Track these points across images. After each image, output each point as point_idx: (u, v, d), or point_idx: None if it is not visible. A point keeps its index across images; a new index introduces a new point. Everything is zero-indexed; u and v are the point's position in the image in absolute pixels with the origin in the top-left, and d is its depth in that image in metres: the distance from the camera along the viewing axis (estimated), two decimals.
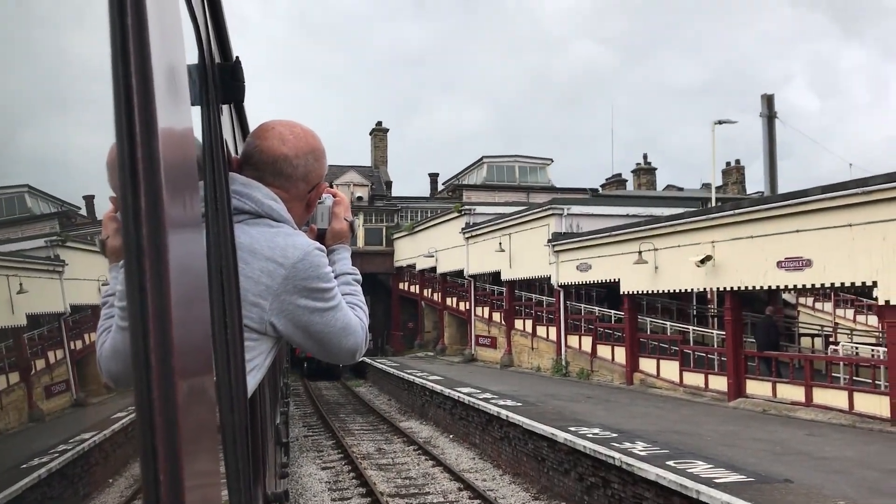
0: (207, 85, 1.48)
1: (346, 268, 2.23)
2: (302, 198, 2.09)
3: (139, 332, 0.63)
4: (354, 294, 2.16)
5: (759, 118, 32.60)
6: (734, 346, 17.97)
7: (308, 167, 2.06)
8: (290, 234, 1.95)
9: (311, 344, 1.96)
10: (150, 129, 0.67)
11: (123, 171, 0.63)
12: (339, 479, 15.25)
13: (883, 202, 13.72)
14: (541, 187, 49.00)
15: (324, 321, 1.94)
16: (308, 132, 2.11)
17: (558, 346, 26.52)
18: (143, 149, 0.65)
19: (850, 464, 10.47)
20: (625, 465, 10.64)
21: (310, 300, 1.89)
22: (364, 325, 2.08)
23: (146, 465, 0.62)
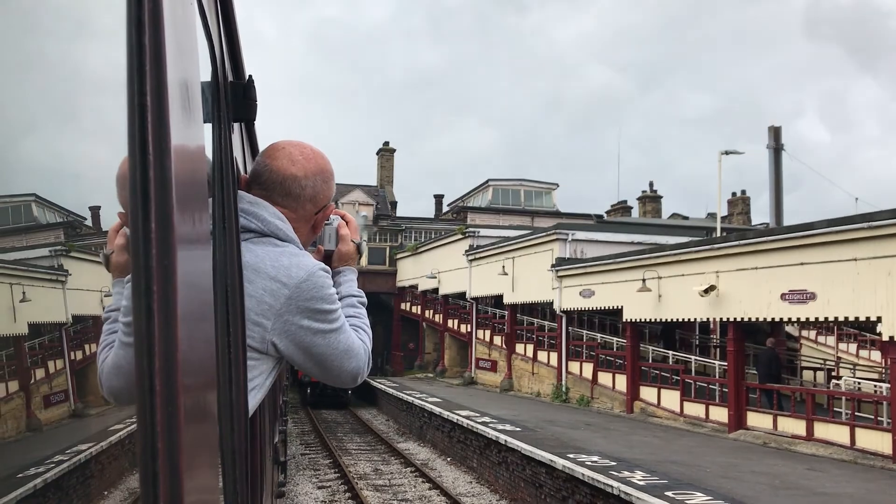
0: (220, 103, 1.49)
1: (352, 290, 2.22)
2: (309, 219, 2.09)
3: (145, 349, 0.63)
4: (359, 317, 2.14)
5: (767, 149, 32.70)
6: (736, 377, 17.88)
7: (316, 188, 2.06)
8: (295, 253, 1.94)
9: (312, 365, 1.94)
10: (164, 144, 0.67)
11: (135, 186, 0.64)
12: (334, 498, 15.15)
13: (889, 237, 13.69)
14: (546, 212, 49.10)
15: (326, 343, 1.92)
16: (318, 153, 2.11)
17: (559, 371, 26.41)
18: (156, 164, 0.65)
19: (850, 500, 10.37)
20: (623, 493, 10.56)
21: (312, 321, 1.88)
22: (367, 348, 2.06)
23: (146, 481, 0.62)
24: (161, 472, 0.61)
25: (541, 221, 43.28)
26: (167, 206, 0.67)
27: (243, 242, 1.87)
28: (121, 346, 1.58)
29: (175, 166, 0.69)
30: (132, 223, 0.65)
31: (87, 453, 1.83)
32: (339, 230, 2.30)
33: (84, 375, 2.06)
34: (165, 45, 0.68)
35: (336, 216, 2.33)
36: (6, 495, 1.28)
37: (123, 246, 1.60)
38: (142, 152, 0.64)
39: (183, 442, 0.67)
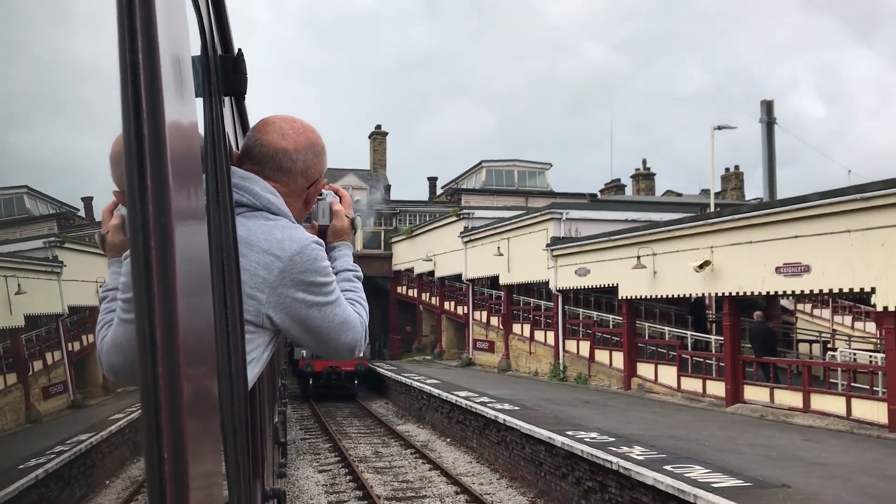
0: (210, 77, 1.49)
1: (347, 264, 2.23)
2: (301, 193, 2.09)
3: (145, 322, 0.63)
4: (355, 290, 2.15)
5: (760, 124, 32.68)
6: (732, 352, 17.98)
7: (307, 162, 2.06)
8: (288, 227, 1.94)
9: (308, 338, 1.94)
10: (158, 120, 0.67)
11: (131, 162, 0.63)
12: (335, 481, 15.23)
13: (881, 208, 13.74)
14: (539, 192, 49.07)
15: (322, 315, 1.92)
16: (308, 128, 2.11)
17: (556, 350, 26.52)
18: (151, 139, 0.65)
19: (847, 469, 10.47)
20: (622, 469, 10.64)
21: (307, 294, 1.88)
22: (364, 321, 2.06)
23: (150, 452, 0.62)
24: (165, 445, 0.62)
25: (535, 202, 43.27)
26: (163, 182, 0.67)
27: (236, 217, 1.87)
28: (120, 322, 1.57)
29: (170, 141, 0.69)
30: (129, 198, 0.65)
31: (87, 443, 1.84)
32: (332, 206, 2.30)
33: (82, 366, 2.06)
34: (156, 19, 0.68)
35: (329, 192, 2.33)
36: (8, 486, 1.29)
37: (118, 226, 1.59)
38: (136, 128, 0.64)
39: (185, 412, 0.67)
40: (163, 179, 0.67)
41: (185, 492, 0.68)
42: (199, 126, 1.20)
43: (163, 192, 0.67)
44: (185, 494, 0.68)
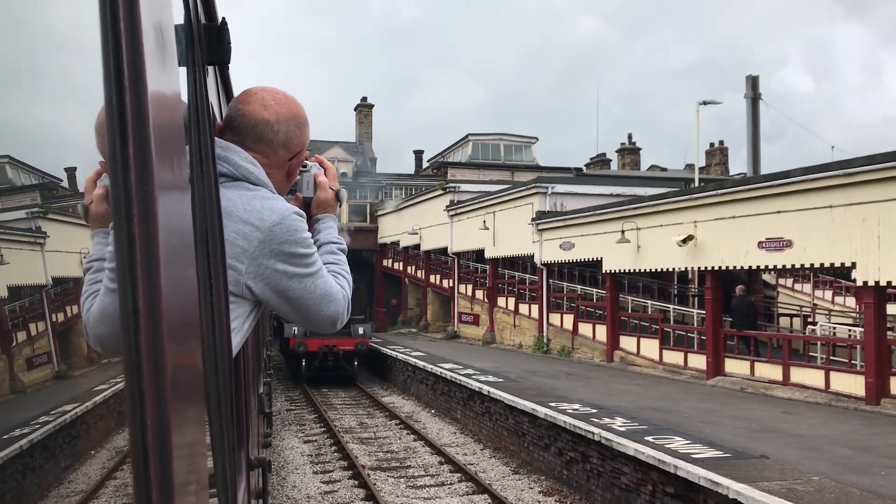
0: (193, 45, 1.47)
1: (331, 237, 2.21)
2: (282, 165, 2.07)
3: (128, 292, 0.64)
4: (339, 263, 2.14)
5: (745, 99, 32.71)
6: (714, 325, 18.17)
7: (289, 133, 2.04)
8: (268, 197, 1.92)
9: (290, 310, 1.94)
10: (140, 89, 0.67)
11: (113, 131, 0.64)
12: (321, 452, 15.34)
13: (863, 184, 13.85)
14: (526, 166, 49.03)
15: (302, 287, 1.92)
16: (291, 99, 2.09)
17: (540, 323, 26.68)
18: (133, 109, 0.65)
19: (824, 441, 10.65)
20: (604, 440, 10.78)
21: (287, 265, 1.87)
22: (346, 294, 2.06)
23: (134, 421, 0.64)
24: (148, 413, 0.63)
25: (521, 176, 43.21)
26: (146, 151, 0.67)
27: None
28: (107, 292, 1.57)
29: (152, 110, 0.69)
30: (111, 168, 0.65)
31: (72, 414, 1.85)
32: (316, 177, 2.28)
33: (66, 338, 2.06)
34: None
35: (314, 163, 2.32)
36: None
37: (102, 196, 1.59)
38: (118, 97, 0.64)
39: (168, 385, 0.68)
40: (145, 149, 0.67)
41: (168, 461, 0.69)
42: (182, 96, 1.20)
43: (145, 161, 0.67)
44: (169, 463, 0.69)
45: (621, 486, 10.49)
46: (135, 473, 0.66)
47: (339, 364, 25.34)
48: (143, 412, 0.62)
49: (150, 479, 0.65)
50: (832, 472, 8.69)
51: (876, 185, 13.61)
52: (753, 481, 8.12)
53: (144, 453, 0.63)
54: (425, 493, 12.05)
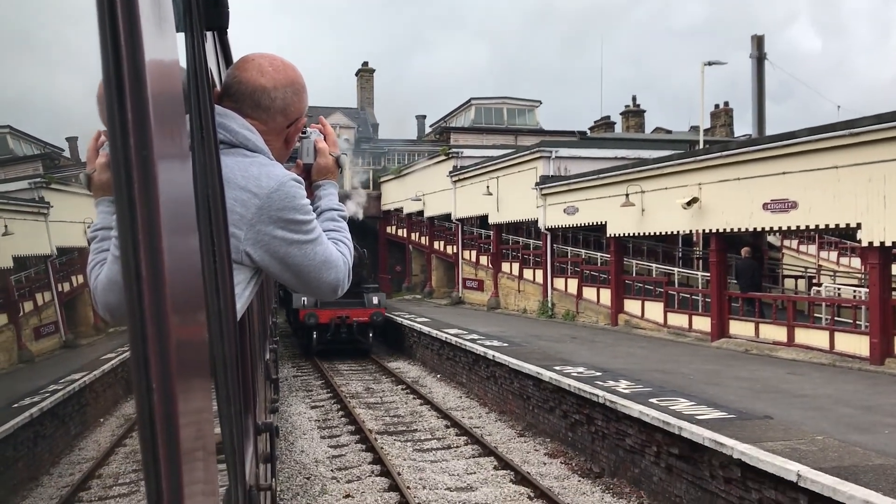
0: (191, 10, 1.46)
1: (332, 203, 2.21)
2: (280, 132, 2.06)
3: (131, 259, 0.64)
4: (339, 230, 2.14)
5: (750, 59, 32.30)
6: (718, 288, 18.18)
7: (287, 100, 2.03)
8: (265, 163, 1.92)
9: (290, 277, 1.94)
10: (137, 55, 0.66)
11: (111, 98, 0.63)
12: (328, 417, 15.50)
13: (869, 144, 13.75)
14: (529, 130, 48.74)
15: (302, 254, 1.92)
16: (289, 66, 2.08)
17: (545, 288, 26.74)
18: (131, 75, 0.65)
19: (828, 401, 10.72)
20: (608, 402, 10.86)
21: (286, 231, 1.87)
22: (347, 261, 2.06)
23: (140, 388, 0.64)
24: (154, 380, 0.64)
25: (524, 140, 42.99)
26: (144, 118, 0.67)
27: None
28: (114, 260, 1.57)
29: (150, 77, 0.68)
30: (110, 135, 0.65)
31: (80, 382, 1.87)
32: (316, 143, 2.27)
33: (73, 307, 2.08)
34: None
35: (315, 129, 2.30)
36: (3, 424, 1.32)
37: (105, 164, 1.58)
38: (115, 65, 0.64)
39: (173, 351, 0.69)
40: (143, 114, 0.67)
41: (175, 427, 0.70)
42: (180, 62, 1.19)
43: (144, 127, 0.67)
44: (176, 429, 0.70)
45: (626, 447, 10.59)
46: (141, 439, 0.66)
47: (353, 336, 23.78)
48: (148, 378, 0.63)
49: (156, 445, 0.66)
50: (836, 432, 8.76)
51: (883, 145, 13.50)
52: (757, 441, 8.20)
53: (151, 419, 0.64)
54: (432, 456, 12.19)
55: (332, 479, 11.01)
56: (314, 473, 11.24)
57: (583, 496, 10.09)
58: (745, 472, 7.97)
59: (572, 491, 10.28)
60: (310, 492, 10.37)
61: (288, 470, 11.38)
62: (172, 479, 0.69)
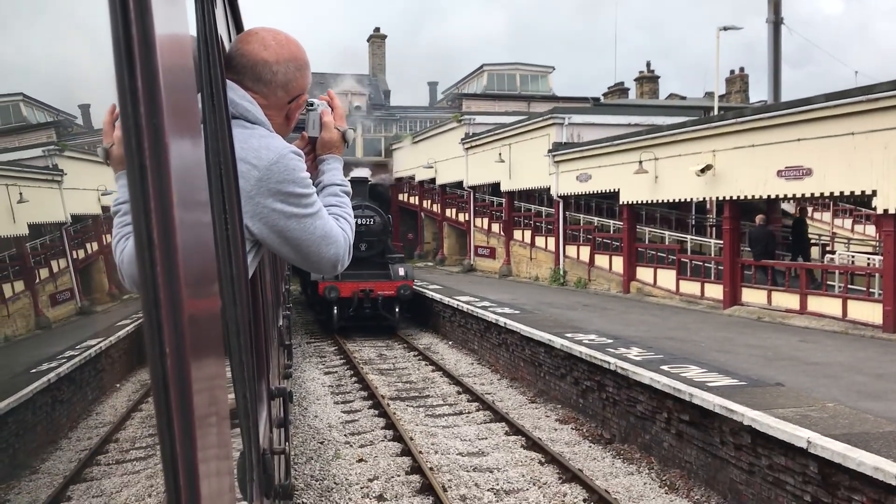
0: None
1: (335, 178, 2.19)
2: (281, 107, 2.05)
3: (143, 227, 0.64)
4: (341, 206, 2.12)
5: (766, 24, 31.84)
6: (731, 255, 18.12)
7: (288, 75, 2.02)
8: (265, 135, 1.91)
9: (289, 250, 1.94)
10: (146, 20, 0.66)
11: (120, 64, 0.63)
12: (341, 382, 15.65)
13: (886, 110, 13.56)
14: (542, 96, 48.38)
15: (301, 227, 1.90)
16: (292, 41, 2.06)
17: (557, 255, 26.72)
18: (140, 41, 0.64)
19: (840, 368, 10.72)
20: (619, 369, 10.90)
21: (285, 205, 1.86)
22: (348, 237, 2.05)
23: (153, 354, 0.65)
24: (168, 345, 0.65)
25: (537, 106, 42.68)
26: (154, 85, 0.67)
27: None
28: None
29: (160, 43, 0.68)
30: (120, 103, 0.65)
31: (96, 348, 1.90)
32: (322, 116, 2.24)
33: (88, 273, 2.10)
34: None
35: (322, 102, 2.28)
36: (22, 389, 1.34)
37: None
38: (125, 31, 0.63)
39: (186, 317, 0.70)
40: (153, 82, 0.67)
41: (189, 392, 0.71)
42: (190, 28, 1.19)
43: (154, 94, 0.67)
44: (190, 394, 0.71)
45: (637, 413, 10.65)
46: (156, 405, 0.68)
47: (377, 312, 21.44)
48: (162, 344, 0.64)
49: (171, 410, 0.67)
50: (847, 399, 8.77)
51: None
52: (768, 408, 8.22)
53: (165, 385, 0.65)
54: (444, 421, 12.31)
55: (346, 443, 11.15)
56: (328, 438, 11.38)
57: (593, 461, 10.18)
58: (756, 439, 8.01)
59: (583, 456, 10.37)
60: (323, 456, 10.51)
61: (301, 435, 11.53)
62: (186, 444, 0.70)
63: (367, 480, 9.46)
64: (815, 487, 7.19)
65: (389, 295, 21.35)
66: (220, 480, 0.84)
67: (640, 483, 9.32)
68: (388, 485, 9.25)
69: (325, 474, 9.72)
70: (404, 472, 9.78)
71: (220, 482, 0.85)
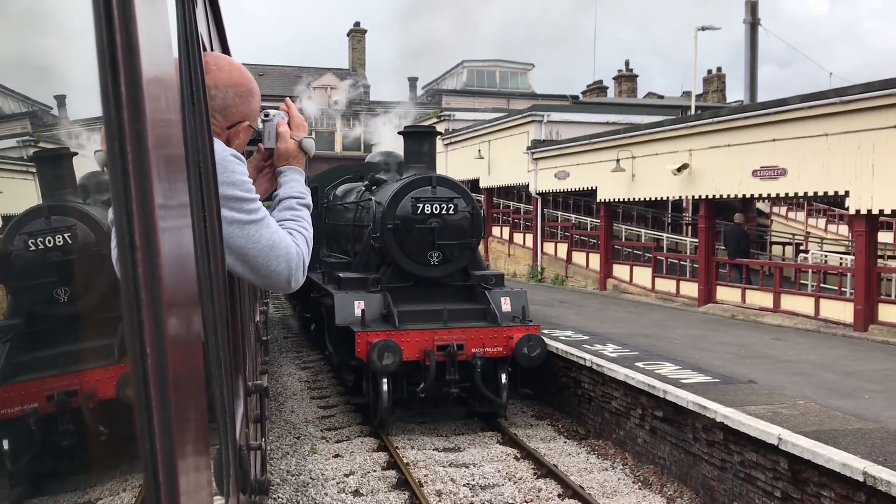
0: None
1: (292, 191, 2.11)
2: (219, 133, 1.98)
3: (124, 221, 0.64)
4: (297, 220, 2.04)
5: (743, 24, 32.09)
6: (706, 253, 18.29)
7: (226, 101, 1.99)
8: None
9: (234, 261, 1.83)
10: (128, 17, 0.66)
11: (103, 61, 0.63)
12: (318, 378, 15.60)
13: (859, 112, 13.75)
14: (521, 93, 48.44)
15: (245, 235, 1.81)
16: (236, 67, 2.02)
17: (534, 252, 26.83)
18: (123, 40, 0.64)
19: (811, 366, 10.87)
20: (595, 365, 10.97)
21: (225, 209, 1.77)
22: (301, 252, 1.95)
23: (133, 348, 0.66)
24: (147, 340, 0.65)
25: (516, 104, 42.71)
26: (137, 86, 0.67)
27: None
28: None
29: (142, 42, 0.68)
30: (103, 103, 0.65)
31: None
32: (277, 127, 2.19)
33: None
34: None
35: (279, 112, 2.22)
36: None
37: None
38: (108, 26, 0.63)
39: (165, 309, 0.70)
40: (136, 83, 0.67)
41: (166, 384, 0.71)
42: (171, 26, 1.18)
43: (137, 96, 0.67)
44: (167, 387, 0.71)
45: (611, 410, 10.74)
46: (136, 399, 0.68)
47: (468, 382, 10.91)
48: (142, 339, 0.64)
49: (150, 406, 0.68)
50: (817, 397, 8.91)
51: (872, 113, 13.51)
52: (740, 405, 8.33)
53: (145, 379, 0.66)
54: (420, 418, 12.32)
55: (322, 438, 11.13)
56: (304, 434, 11.35)
57: (568, 457, 10.25)
58: (728, 436, 8.11)
59: (558, 452, 10.44)
60: (300, 451, 10.48)
61: (278, 430, 11.49)
62: (165, 440, 0.70)
63: (342, 475, 9.46)
64: (785, 483, 7.30)
65: (497, 355, 11.08)
66: (197, 476, 0.85)
67: (615, 478, 9.41)
68: (364, 480, 9.25)
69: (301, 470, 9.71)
70: (380, 467, 9.79)
71: (198, 477, 0.86)
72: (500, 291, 11.78)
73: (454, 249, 11.54)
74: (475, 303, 11.77)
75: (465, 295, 12.00)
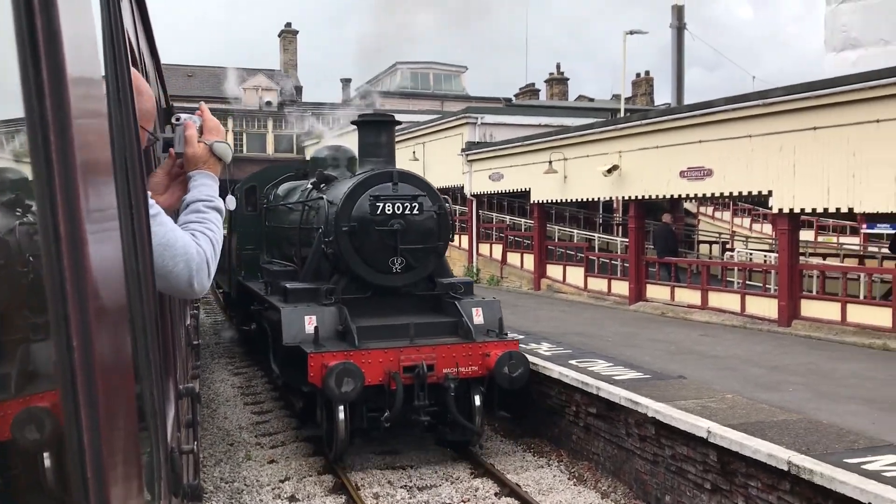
0: None
1: (199, 194, 2.05)
2: None
3: (48, 215, 0.63)
4: (202, 222, 1.97)
5: (670, 28, 32.91)
6: (636, 253, 18.69)
7: None
8: None
9: None
10: (52, 15, 0.65)
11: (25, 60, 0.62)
12: (251, 383, 15.35)
13: (781, 114, 14.26)
14: (455, 96, 48.68)
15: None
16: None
17: (470, 253, 26.98)
18: (45, 38, 0.63)
19: (738, 361, 11.22)
20: (530, 364, 11.07)
21: None
22: (205, 254, 1.88)
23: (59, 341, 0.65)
24: (74, 334, 0.64)
25: (450, 106, 42.93)
26: (61, 81, 0.66)
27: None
28: None
29: (66, 39, 0.67)
30: (24, 98, 0.63)
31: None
32: (186, 131, 2.14)
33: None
34: None
35: (191, 116, 2.18)
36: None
37: None
38: (29, 23, 0.62)
39: (92, 307, 0.69)
40: (61, 77, 0.66)
41: (93, 381, 0.70)
42: (96, 22, 1.16)
43: (61, 90, 0.66)
44: (94, 384, 0.70)
45: (546, 407, 10.87)
46: (63, 401, 0.67)
47: (438, 407, 9.51)
48: (68, 333, 0.63)
49: (78, 406, 0.67)
50: (744, 390, 9.19)
51: (794, 115, 14.03)
52: (671, 400, 8.53)
53: (72, 373, 0.64)
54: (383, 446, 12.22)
55: (257, 444, 10.96)
56: (238, 440, 11.16)
57: (505, 456, 10.33)
58: (659, 430, 8.31)
59: (495, 451, 10.51)
60: (234, 458, 10.30)
61: (211, 437, 11.27)
62: (94, 441, 0.69)
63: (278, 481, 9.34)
64: (714, 475, 7.51)
65: (473, 375, 9.75)
66: (127, 478, 0.84)
67: (550, 476, 9.52)
68: (299, 485, 9.15)
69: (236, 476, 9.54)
70: (316, 472, 9.69)
71: (128, 480, 0.84)
72: (470, 301, 10.40)
73: (419, 254, 10.15)
74: (444, 315, 10.29)
75: (432, 306, 10.60)
